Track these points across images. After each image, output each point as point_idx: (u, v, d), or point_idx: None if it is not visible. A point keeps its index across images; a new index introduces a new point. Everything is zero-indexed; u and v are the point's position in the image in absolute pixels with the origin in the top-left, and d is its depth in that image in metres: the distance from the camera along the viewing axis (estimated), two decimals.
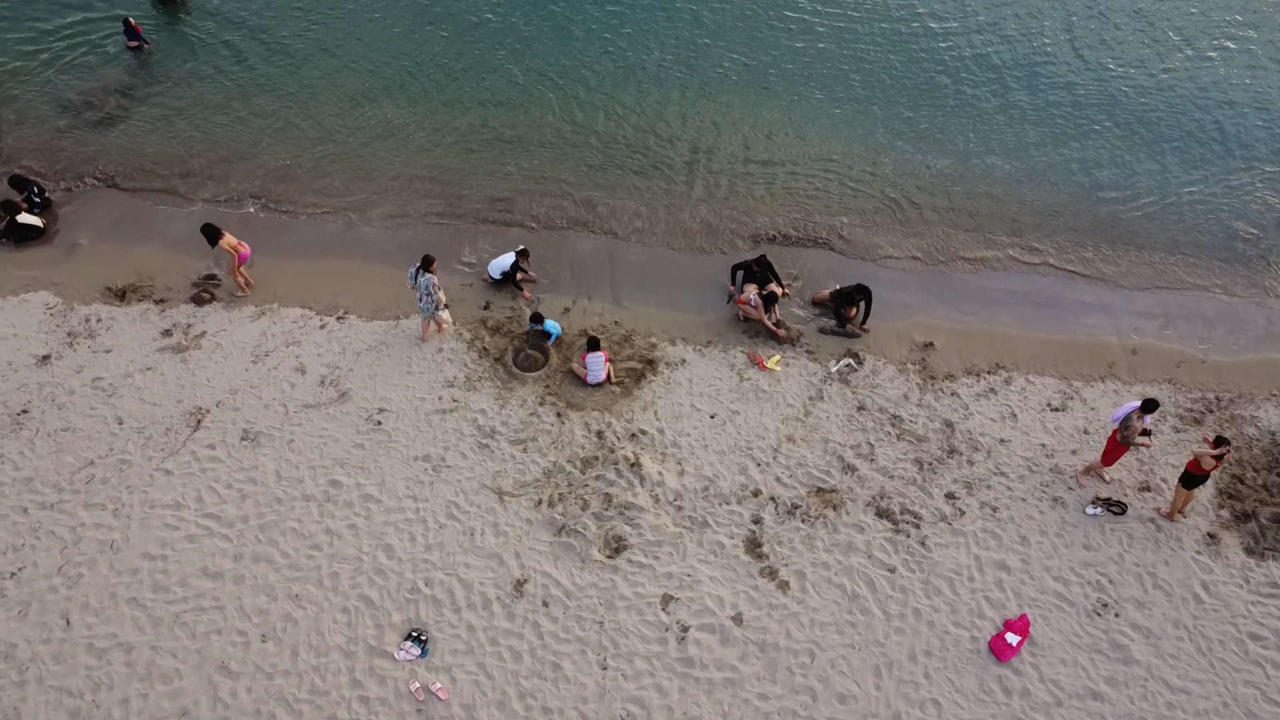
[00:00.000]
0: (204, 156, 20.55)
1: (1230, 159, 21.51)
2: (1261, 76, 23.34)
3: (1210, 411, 16.77)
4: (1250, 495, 15.46)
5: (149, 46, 22.50)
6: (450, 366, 16.80)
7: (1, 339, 16.82)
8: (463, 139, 21.28)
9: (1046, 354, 17.70)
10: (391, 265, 18.63)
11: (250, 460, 15.17)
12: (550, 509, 14.77)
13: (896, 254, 19.31)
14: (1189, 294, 19.02)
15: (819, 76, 23.03)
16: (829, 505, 15.03)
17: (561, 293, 18.40)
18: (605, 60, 23.22)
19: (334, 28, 23.75)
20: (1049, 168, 21.26)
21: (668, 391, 16.62)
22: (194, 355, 16.77)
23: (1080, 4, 25.36)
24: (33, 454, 15.13)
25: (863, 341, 17.75)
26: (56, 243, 18.78)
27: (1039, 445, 16.09)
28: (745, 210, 20.02)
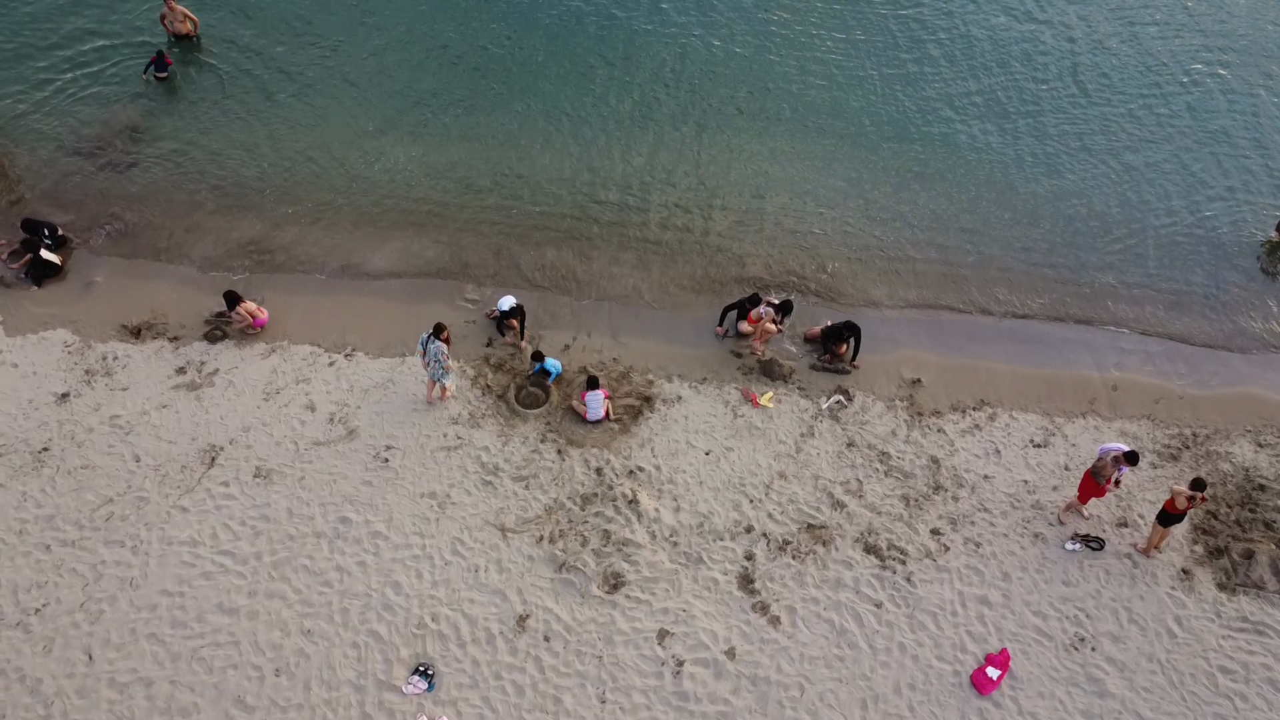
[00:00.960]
0: (212, 203, 21.01)
1: (1222, 197, 22.13)
2: (1261, 113, 23.93)
3: (1187, 448, 17.42)
4: (1223, 531, 16.11)
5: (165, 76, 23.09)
6: (454, 404, 17.43)
7: (22, 377, 17.42)
8: (465, 177, 21.87)
9: (1030, 390, 18.34)
10: (397, 302, 19.26)
11: (263, 497, 15.81)
12: (551, 545, 15.41)
13: (888, 300, 19.86)
14: (1168, 329, 19.59)
15: (817, 116, 23.62)
16: (819, 541, 15.67)
17: (561, 330, 19.02)
18: (607, 99, 23.82)
19: (344, 62, 24.32)
20: (1040, 206, 21.85)
21: (664, 428, 17.25)
22: (207, 393, 17.40)
23: (1085, 45, 25.93)
24: (54, 491, 15.75)
25: (853, 378, 18.39)
26: (72, 280, 19.39)
27: (1021, 481, 16.73)
28: (738, 256, 20.58)
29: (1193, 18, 26.74)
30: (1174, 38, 26.12)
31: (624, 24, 25.68)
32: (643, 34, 25.49)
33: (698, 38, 25.45)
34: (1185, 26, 26.45)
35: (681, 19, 25.89)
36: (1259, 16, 26.90)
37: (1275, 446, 17.49)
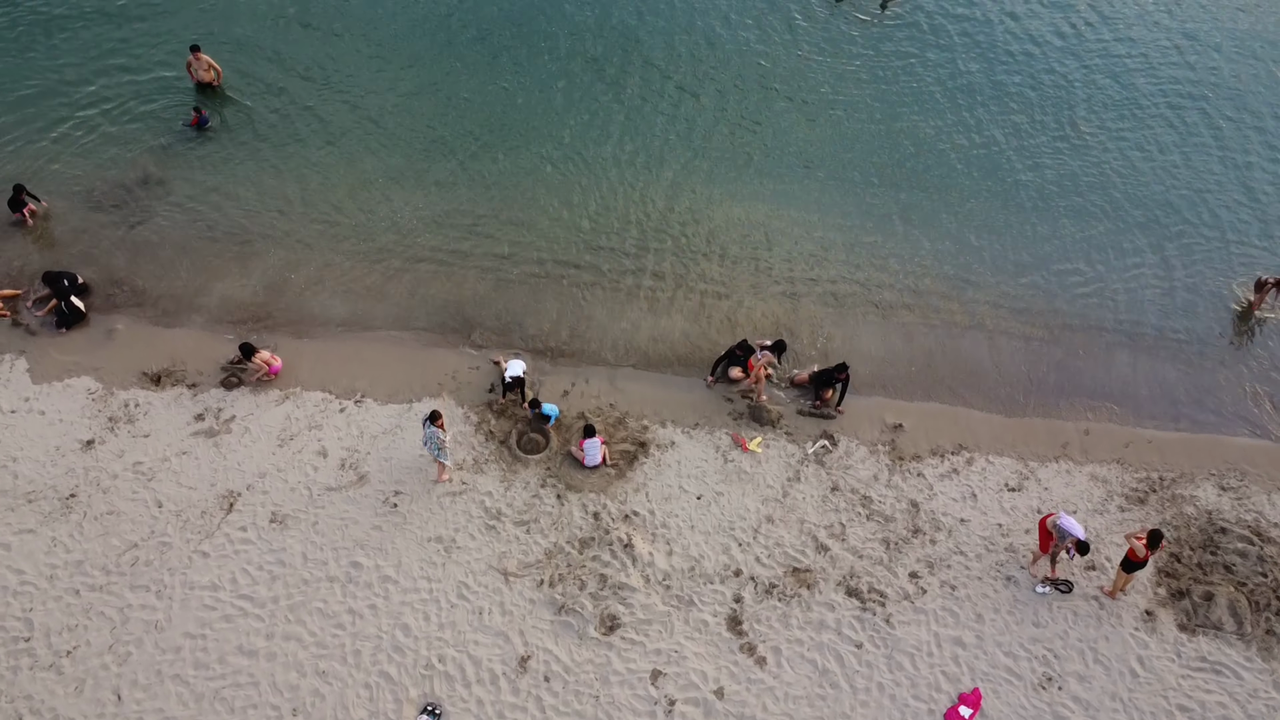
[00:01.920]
0: (227, 251, 21.90)
1: (1207, 244, 23.11)
2: (1253, 159, 24.92)
3: (1153, 491, 18.41)
4: (1185, 574, 17.09)
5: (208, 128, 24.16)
6: (460, 449, 18.39)
7: (49, 424, 18.37)
8: (470, 224, 22.81)
9: (1006, 434, 19.30)
10: (404, 349, 20.22)
11: (279, 542, 16.77)
12: (551, 589, 16.38)
13: (873, 349, 20.77)
14: (1143, 375, 20.53)
15: (818, 163, 24.58)
16: (804, 584, 16.65)
17: (560, 376, 19.95)
18: (610, 142, 24.78)
19: (356, 109, 25.25)
20: (1024, 252, 22.82)
21: (658, 473, 18.22)
22: (225, 439, 18.35)
23: (1080, 88, 26.90)
24: (82, 537, 16.71)
25: (837, 423, 19.35)
26: (95, 328, 20.31)
27: (996, 525, 17.71)
28: (734, 304, 21.53)
29: (1183, 55, 27.61)
30: (1166, 80, 27.02)
31: (639, 70, 26.59)
32: (657, 81, 26.40)
33: (702, 86, 26.37)
34: (1176, 65, 27.34)
35: (694, 65, 26.80)
36: (1245, 54, 27.80)
37: (1237, 490, 18.46)
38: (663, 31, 27.79)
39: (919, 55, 27.61)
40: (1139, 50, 28.15)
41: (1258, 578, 17.04)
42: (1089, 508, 18.07)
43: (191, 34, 26.31)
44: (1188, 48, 28.19)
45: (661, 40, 27.53)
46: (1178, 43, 28.30)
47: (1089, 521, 17.79)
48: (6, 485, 17.32)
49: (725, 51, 27.45)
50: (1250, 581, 17.00)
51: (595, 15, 28.01)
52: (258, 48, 26.63)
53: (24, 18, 26.90)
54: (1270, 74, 27.40)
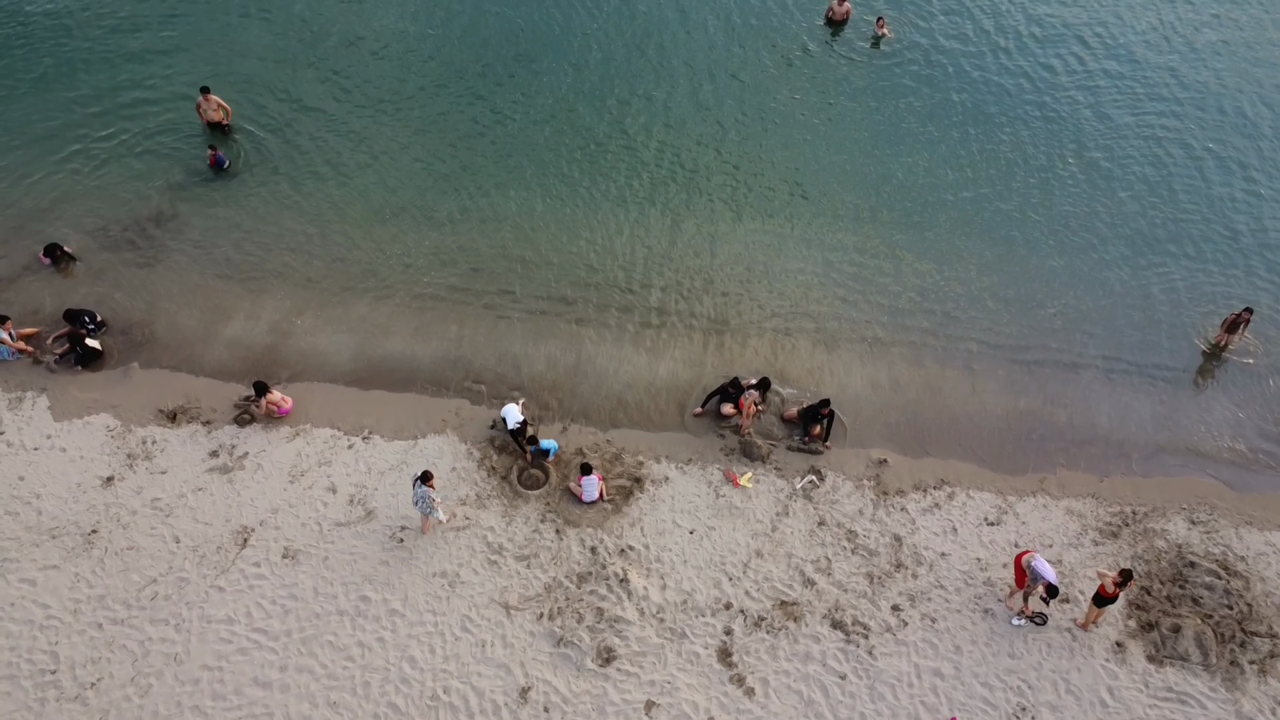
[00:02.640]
0: (238, 289, 22.77)
1: (1189, 279, 23.99)
2: (1236, 194, 25.83)
3: (1126, 525, 19.26)
4: (1155, 606, 17.95)
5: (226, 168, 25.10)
6: (463, 485, 19.26)
7: (70, 461, 19.24)
8: (473, 261, 23.69)
9: (986, 469, 20.13)
10: (410, 386, 21.05)
11: (291, 577, 17.64)
12: (550, 622, 17.25)
13: (862, 388, 21.62)
14: (1119, 411, 21.37)
15: (822, 202, 25.47)
16: (790, 617, 17.52)
17: (559, 411, 20.81)
18: (609, 181, 25.67)
19: (363, 146, 26.18)
20: (1014, 291, 23.69)
21: (653, 508, 19.09)
22: (238, 475, 19.22)
23: (1070, 127, 27.77)
24: (104, 572, 17.58)
25: (824, 458, 20.21)
26: (112, 365, 21.15)
27: (975, 559, 18.57)
28: (728, 342, 22.39)
29: (1170, 91, 28.47)
30: (1151, 114, 27.87)
31: (640, 107, 27.47)
32: (659, 116, 27.28)
33: (704, 120, 27.26)
34: (1163, 99, 28.22)
35: (702, 101, 27.69)
36: (1230, 91, 28.69)
37: (1207, 524, 19.32)
38: (662, 68, 28.66)
39: (912, 90, 28.45)
40: (1126, 86, 28.96)
41: (1223, 610, 17.88)
42: (1065, 541, 18.91)
43: (202, 72, 27.28)
44: (1173, 84, 28.97)
45: (661, 77, 28.40)
46: (1164, 78, 29.08)
47: (1064, 555, 18.64)
48: (31, 521, 18.16)
49: (722, 87, 28.31)
50: (1216, 614, 17.83)
51: (597, 55, 28.85)
52: (266, 86, 27.52)
53: (42, 59, 27.76)
54: (1253, 111, 28.19)
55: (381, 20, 29.61)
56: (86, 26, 28.85)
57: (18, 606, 17.03)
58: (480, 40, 29.25)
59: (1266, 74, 29.27)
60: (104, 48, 28.28)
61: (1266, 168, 26.46)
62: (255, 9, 29.79)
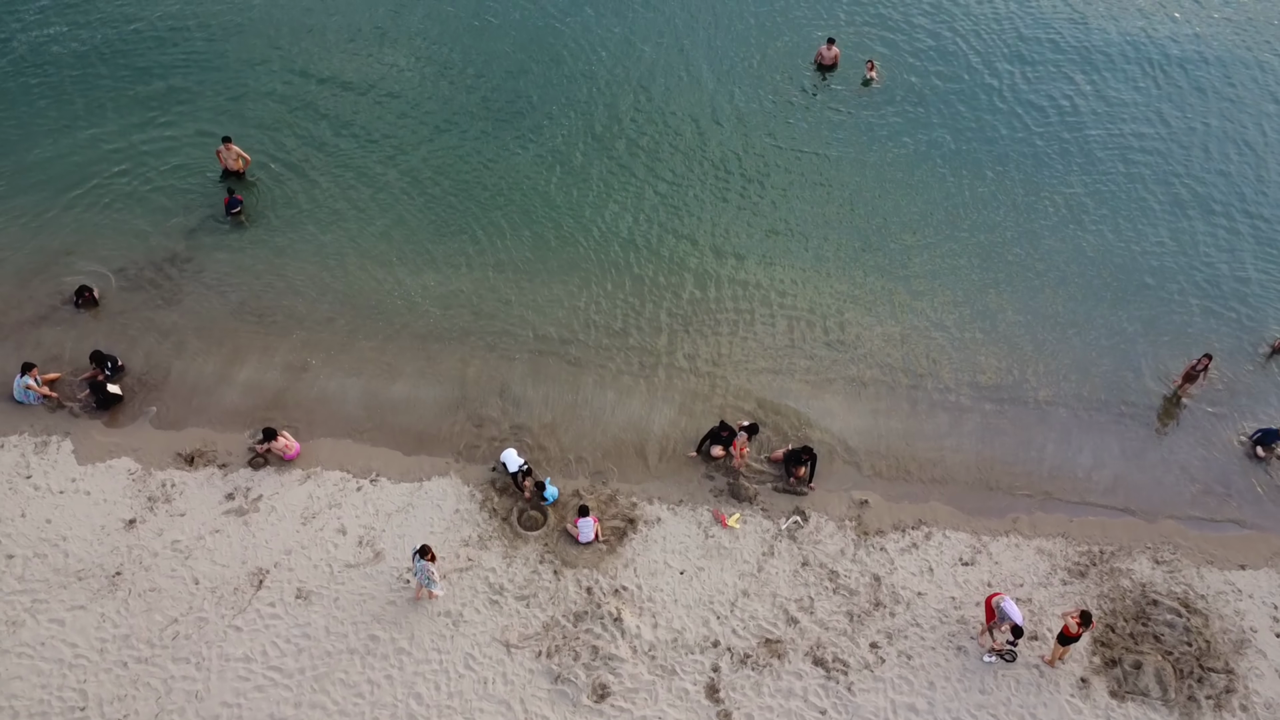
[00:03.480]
0: (249, 331, 23.87)
1: (1167, 320, 25.16)
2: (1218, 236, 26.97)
3: (1094, 564, 20.37)
4: (1119, 643, 19.06)
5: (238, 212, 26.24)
6: (466, 526, 20.38)
7: (95, 504, 20.36)
8: (474, 304, 24.81)
9: (961, 510, 21.24)
10: (414, 428, 22.15)
11: (304, 617, 18.75)
12: (548, 659, 18.36)
13: (847, 433, 22.74)
14: (1089, 453, 22.49)
15: (797, 237, 26.66)
16: (775, 654, 18.63)
17: (557, 453, 21.92)
18: (609, 221, 26.84)
19: (371, 191, 27.28)
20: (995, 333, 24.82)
21: (645, 548, 20.21)
22: (253, 517, 20.33)
23: (1058, 166, 28.88)
24: (128, 612, 18.69)
25: (809, 499, 21.32)
26: (132, 408, 22.25)
27: (950, 598, 19.68)
28: (718, 386, 23.51)
29: (1156, 131, 29.64)
30: (1137, 151, 29.04)
31: (642, 147, 28.62)
32: (663, 156, 28.43)
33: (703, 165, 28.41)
34: (1152, 139, 29.40)
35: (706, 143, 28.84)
36: (1218, 136, 29.87)
37: (1170, 564, 20.43)
38: (660, 112, 29.75)
39: (902, 132, 29.52)
40: (1112, 126, 30.06)
41: (1183, 647, 19.00)
42: (1035, 581, 20.02)
43: (217, 115, 28.40)
44: (1159, 125, 30.07)
45: (660, 121, 29.49)
46: (1150, 119, 30.17)
47: (1034, 594, 19.75)
48: (59, 563, 19.28)
49: (716, 131, 29.40)
50: (1176, 650, 18.95)
51: (601, 101, 29.94)
52: (279, 130, 28.61)
53: (67, 104, 28.86)
54: (1240, 154, 29.31)
55: (392, 65, 30.68)
56: (107, 69, 29.92)
57: (48, 646, 18.13)
58: (487, 85, 30.32)
59: (1250, 116, 30.31)
60: (124, 91, 29.29)
61: (1248, 209, 27.57)
62: (272, 55, 30.80)
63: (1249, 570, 20.41)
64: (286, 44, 31.11)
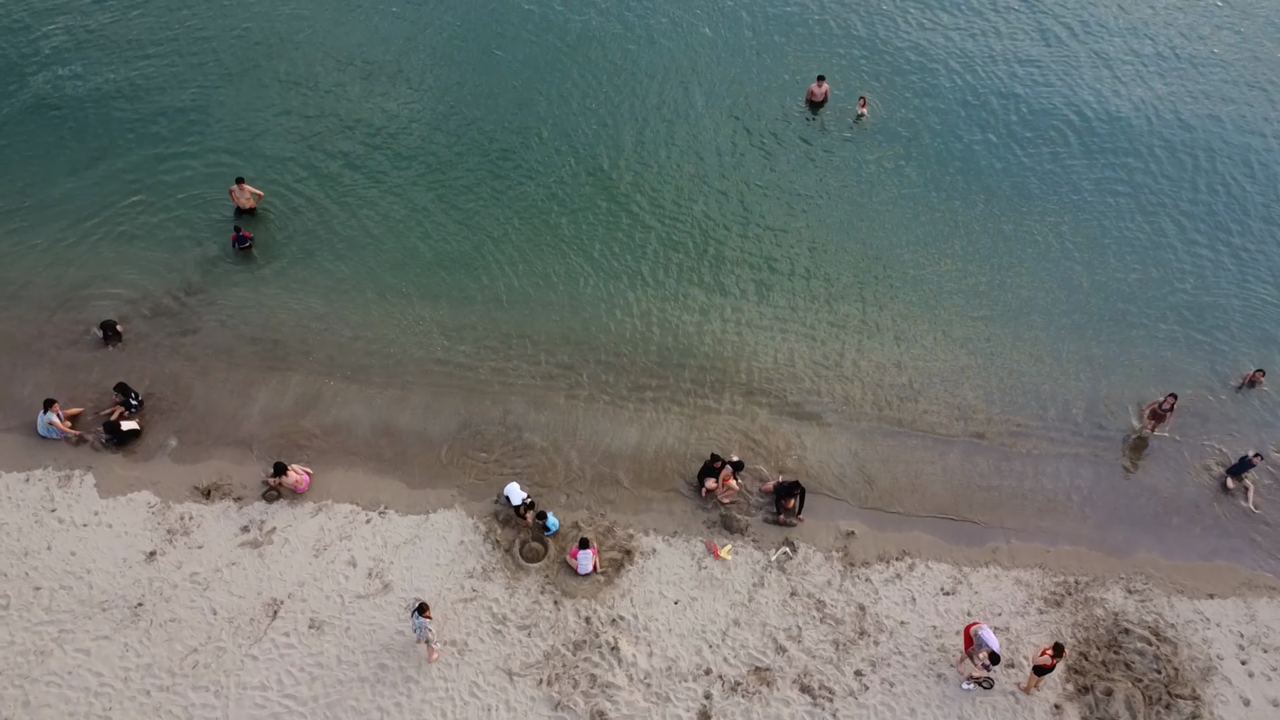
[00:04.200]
0: (260, 364, 24.91)
1: (1143, 354, 26.22)
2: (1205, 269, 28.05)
3: (1069, 594, 21.37)
4: (1091, 671, 20.07)
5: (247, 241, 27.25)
6: (470, 558, 21.39)
7: (116, 536, 21.37)
8: (478, 338, 25.80)
9: (943, 541, 22.25)
10: (420, 460, 23.15)
11: (317, 646, 19.77)
12: (549, 687, 19.37)
13: (836, 462, 23.76)
14: (1064, 486, 23.52)
15: (786, 273, 27.65)
16: (764, 682, 19.64)
17: (556, 488, 22.94)
18: (609, 259, 27.84)
19: (379, 226, 28.29)
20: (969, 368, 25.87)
21: (641, 580, 21.21)
22: (268, 550, 21.34)
23: (1039, 201, 29.94)
24: (150, 642, 19.70)
25: (797, 530, 22.32)
26: (151, 442, 23.27)
27: (931, 627, 20.68)
28: (714, 420, 24.55)
29: (1144, 163, 30.72)
30: (1121, 183, 30.12)
31: (641, 188, 29.67)
32: (662, 197, 29.45)
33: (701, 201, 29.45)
34: (1140, 171, 30.51)
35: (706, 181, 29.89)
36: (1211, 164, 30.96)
37: (1142, 593, 21.43)
38: (665, 144, 30.78)
39: (891, 168, 30.55)
40: (1100, 160, 31.12)
41: (1153, 674, 20.01)
42: (1012, 610, 21.02)
43: (231, 149, 29.54)
44: (1147, 155, 31.14)
45: (655, 158, 30.51)
46: (1140, 153, 31.24)
47: (1011, 623, 20.76)
48: (84, 595, 20.30)
49: (711, 167, 30.45)
50: (1146, 678, 19.97)
51: (607, 136, 30.98)
52: (290, 165, 29.58)
53: (84, 140, 29.89)
54: (1230, 179, 30.41)
55: (402, 102, 31.67)
56: (123, 106, 30.88)
57: (74, 674, 19.14)
58: (495, 122, 31.26)
59: (1235, 150, 31.37)
60: (139, 127, 30.24)
61: (1245, 244, 28.84)
62: (285, 92, 31.80)
63: (1217, 599, 21.38)
64: (299, 81, 32.07)
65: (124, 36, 33.03)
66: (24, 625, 19.67)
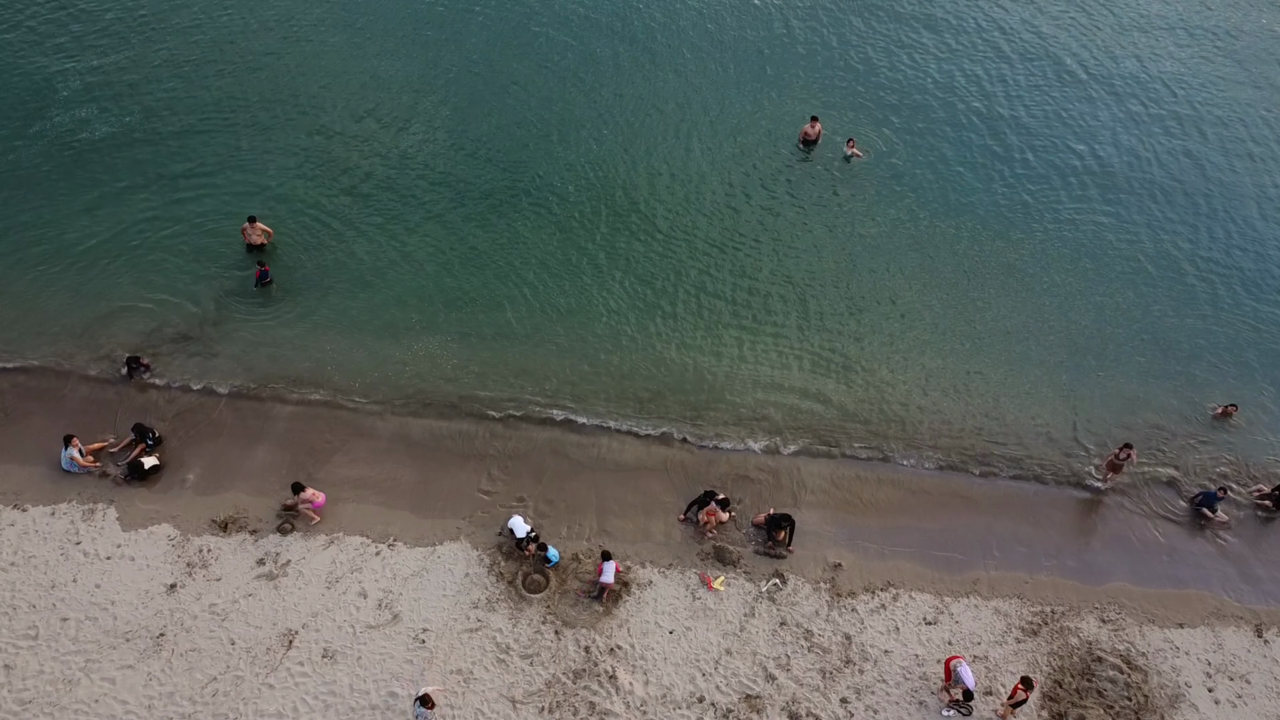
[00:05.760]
0: (278, 393, 26.13)
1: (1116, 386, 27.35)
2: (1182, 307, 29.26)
3: (1045, 624, 22.46)
4: (1065, 698, 21.15)
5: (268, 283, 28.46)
6: (475, 589, 22.48)
7: (139, 569, 22.45)
8: (481, 372, 26.98)
9: (926, 572, 23.35)
10: (427, 494, 24.25)
11: (330, 675, 20.85)
12: (550, 715, 20.45)
13: (823, 494, 24.89)
14: (1043, 519, 24.65)
15: (779, 310, 28.85)
16: (754, 709, 20.72)
17: (557, 520, 24.06)
18: (605, 290, 28.99)
19: (386, 256, 29.46)
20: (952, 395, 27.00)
21: (638, 610, 22.30)
22: (283, 581, 22.43)
23: (1019, 234, 31.10)
24: (171, 671, 20.78)
25: (787, 561, 23.42)
26: (170, 478, 24.37)
27: (913, 655, 21.77)
28: (708, 456, 25.70)
29: (1137, 202, 31.92)
30: (1107, 219, 31.30)
31: (634, 224, 30.83)
32: (660, 232, 30.63)
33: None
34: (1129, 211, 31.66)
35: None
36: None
37: (1115, 622, 22.52)
38: (649, 182, 31.99)
39: (881, 204, 31.83)
40: (1086, 199, 32.39)
41: (1123, 701, 21.10)
42: (991, 639, 22.11)
43: (243, 188, 30.73)
44: (1131, 192, 32.52)
45: (649, 191, 31.74)
46: (1131, 191, 32.61)
47: (990, 652, 21.85)
48: (109, 626, 21.39)
49: (712, 204, 31.67)
50: (1117, 705, 21.05)
51: (613, 177, 32.19)
52: (299, 204, 30.73)
53: (107, 182, 31.06)
54: (1211, 220, 31.66)
55: (415, 142, 32.85)
56: (137, 147, 32.06)
57: (101, 703, 20.22)
58: (506, 160, 32.47)
59: (1220, 184, 32.60)
60: (154, 167, 31.39)
61: (1214, 273, 30.20)
62: (301, 137, 32.98)
63: (1187, 628, 22.49)
64: (314, 121, 33.19)
65: (142, 78, 34.17)
66: (52, 655, 20.72)
